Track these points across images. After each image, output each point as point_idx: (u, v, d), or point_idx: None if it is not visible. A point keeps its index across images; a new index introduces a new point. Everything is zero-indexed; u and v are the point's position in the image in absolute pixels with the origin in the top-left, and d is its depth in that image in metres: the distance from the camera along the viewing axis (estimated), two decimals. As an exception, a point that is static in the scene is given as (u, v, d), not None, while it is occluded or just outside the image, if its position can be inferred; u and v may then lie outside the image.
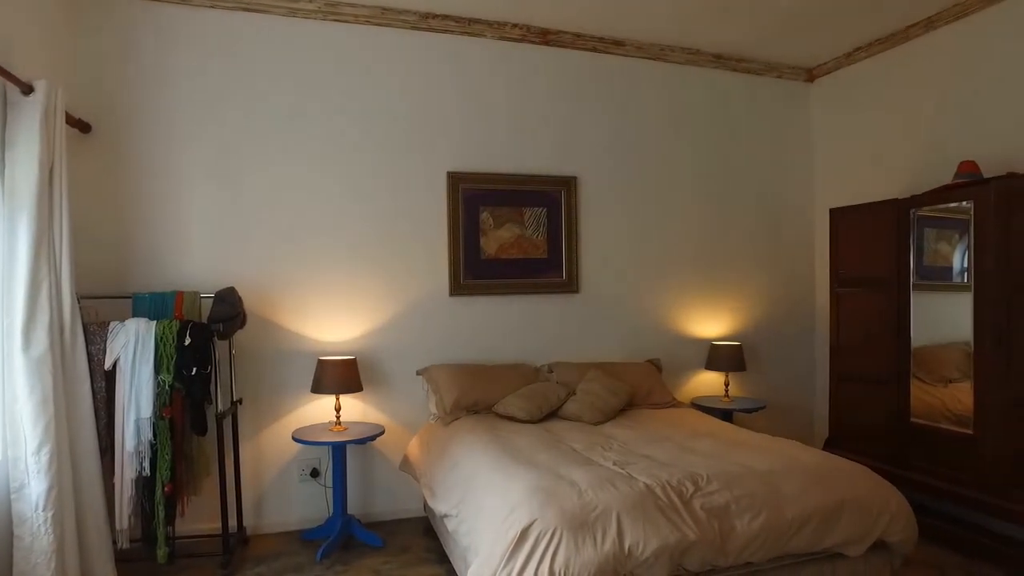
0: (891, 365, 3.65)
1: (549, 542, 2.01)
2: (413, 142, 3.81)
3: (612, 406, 3.42)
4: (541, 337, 4.04)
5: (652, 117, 4.35)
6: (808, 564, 2.37)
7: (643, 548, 2.03)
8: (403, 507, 3.76)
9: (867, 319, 3.80)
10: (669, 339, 4.36)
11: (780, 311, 4.69)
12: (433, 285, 3.85)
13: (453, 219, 3.85)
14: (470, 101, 3.93)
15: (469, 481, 2.60)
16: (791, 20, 3.92)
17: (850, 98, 4.51)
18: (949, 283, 3.39)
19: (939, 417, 3.43)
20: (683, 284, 4.42)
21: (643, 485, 2.24)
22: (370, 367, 3.68)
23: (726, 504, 2.22)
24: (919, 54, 4.01)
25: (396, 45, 3.78)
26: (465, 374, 3.58)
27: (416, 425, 3.70)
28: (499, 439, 2.94)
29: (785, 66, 4.66)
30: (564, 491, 2.21)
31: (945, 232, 3.46)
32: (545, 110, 4.09)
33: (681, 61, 4.39)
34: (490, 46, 3.97)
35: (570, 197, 4.08)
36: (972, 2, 3.63)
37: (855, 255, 3.90)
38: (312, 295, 3.62)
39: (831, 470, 2.51)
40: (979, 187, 3.22)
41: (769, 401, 4.43)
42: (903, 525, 2.45)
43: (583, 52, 4.16)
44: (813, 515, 2.30)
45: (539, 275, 4.04)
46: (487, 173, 3.93)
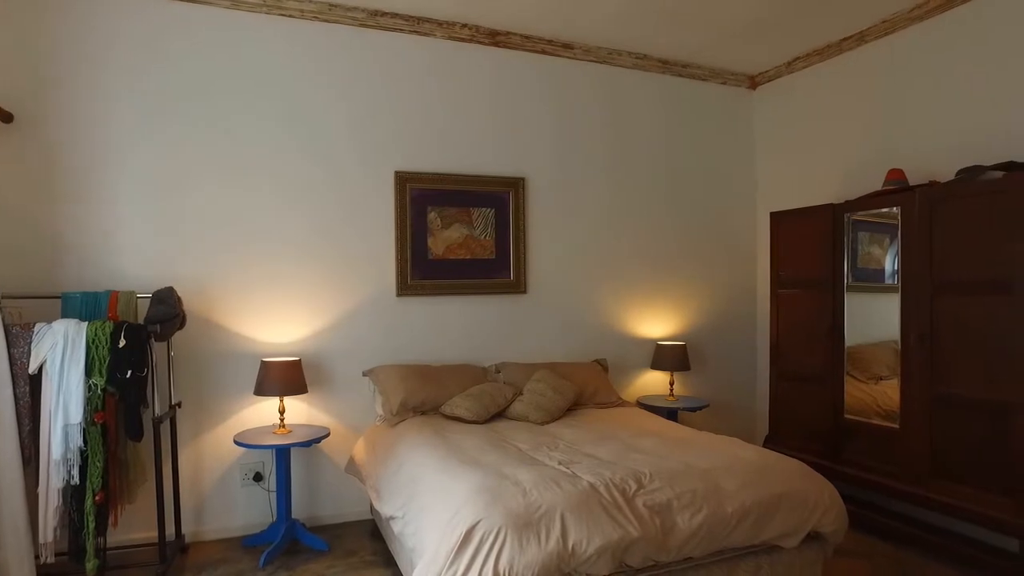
0: (827, 364, 3.79)
1: (494, 542, 2.01)
2: (361, 141, 3.77)
3: (558, 406, 3.45)
4: (489, 337, 4.04)
5: (600, 120, 4.41)
6: (746, 557, 2.44)
7: (586, 546, 2.06)
8: (349, 510, 3.71)
9: (805, 319, 3.94)
10: (616, 339, 4.43)
11: (724, 312, 4.82)
12: (380, 285, 3.81)
13: (400, 219, 3.82)
14: (419, 101, 3.91)
15: (415, 482, 2.58)
16: (734, 29, 4.03)
17: (790, 106, 4.67)
18: (881, 284, 3.53)
19: (871, 413, 3.58)
20: (629, 285, 4.50)
21: (587, 484, 2.27)
22: (315, 368, 3.62)
23: (668, 501, 2.27)
24: (852, 66, 4.18)
25: (344, 43, 3.72)
26: (412, 375, 3.55)
27: (363, 427, 3.66)
28: (445, 440, 2.94)
29: (729, 73, 4.80)
30: (509, 491, 2.22)
31: (878, 236, 3.60)
32: (494, 111, 4.10)
33: (629, 65, 4.46)
34: (439, 46, 3.95)
35: (518, 198, 4.10)
36: (899, 20, 3.82)
37: (794, 258, 4.04)
38: (256, 295, 3.53)
39: (769, 466, 2.59)
40: (905, 194, 3.38)
41: (713, 399, 4.55)
42: (835, 517, 2.54)
43: (532, 54, 4.19)
44: (752, 510, 2.37)
45: (487, 275, 4.05)
46: (435, 173, 3.91)
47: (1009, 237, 2.88)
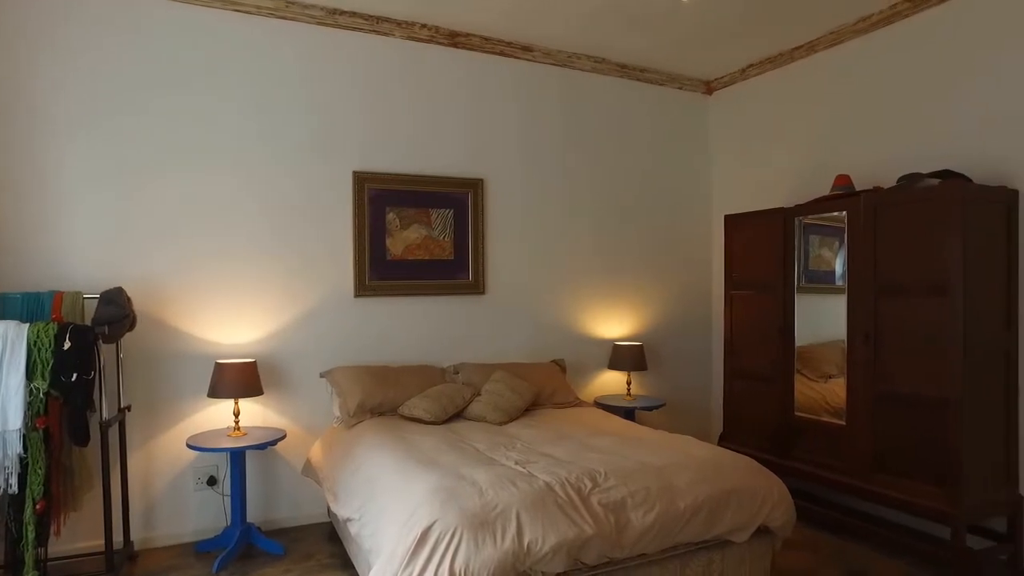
0: (778, 363, 3.90)
1: (450, 542, 2.03)
2: (318, 140, 3.73)
3: (516, 406, 3.47)
4: (447, 338, 4.04)
5: (559, 122, 4.45)
6: (698, 552, 2.50)
7: (542, 544, 2.08)
8: (306, 513, 3.67)
9: (757, 320, 4.05)
10: (573, 340, 4.48)
11: (680, 312, 4.91)
12: (337, 286, 3.78)
13: (359, 219, 3.79)
14: (378, 101, 3.89)
15: (372, 484, 2.58)
16: (691, 35, 4.12)
17: (744, 111, 4.79)
18: (831, 286, 3.64)
19: (819, 410, 3.69)
20: (587, 286, 4.55)
21: (543, 483, 2.30)
22: (271, 370, 3.57)
23: (622, 499, 2.31)
24: (803, 74, 4.31)
25: (302, 40, 3.68)
26: (370, 376, 3.53)
27: (320, 429, 3.62)
28: (403, 441, 2.93)
29: (685, 78, 4.89)
30: (465, 491, 2.23)
31: (827, 239, 3.71)
32: (453, 112, 4.10)
33: (587, 69, 4.52)
34: (399, 46, 3.94)
35: (477, 199, 4.11)
36: (845, 32, 3.95)
37: (747, 259, 4.14)
38: (210, 296, 3.47)
39: (720, 463, 2.66)
40: (851, 199, 3.50)
41: (669, 399, 4.64)
42: (783, 511, 2.63)
43: (492, 56, 4.21)
44: (703, 506, 2.43)
45: (445, 276, 4.05)
46: (394, 174, 3.90)
47: (943, 242, 3.01)
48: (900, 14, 3.68)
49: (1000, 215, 3.15)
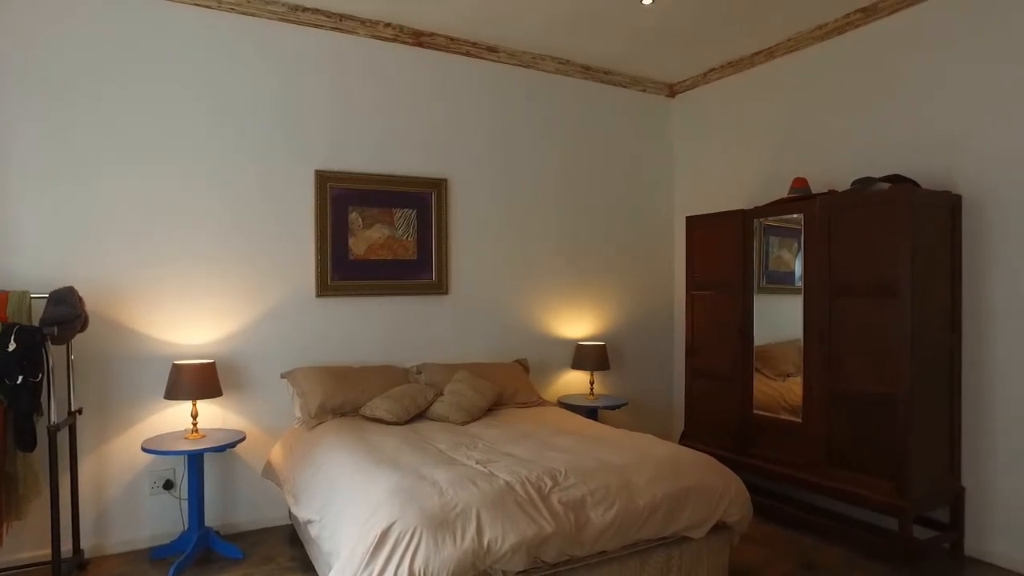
0: (738, 362, 3.98)
1: (409, 542, 2.02)
2: (280, 138, 3.68)
3: (479, 406, 3.48)
4: (410, 339, 4.03)
5: (523, 123, 4.47)
6: (657, 548, 2.54)
7: (502, 543, 2.09)
8: (267, 515, 3.62)
9: (718, 320, 4.12)
10: (537, 340, 4.50)
11: (642, 313, 4.98)
12: (299, 286, 3.73)
13: (321, 219, 3.75)
14: (342, 99, 3.85)
15: (332, 485, 2.56)
16: (654, 38, 4.17)
17: (706, 114, 4.87)
18: (790, 286, 3.71)
19: (778, 408, 3.78)
20: (551, 286, 4.58)
21: (503, 482, 2.31)
22: (231, 371, 3.51)
23: (582, 497, 2.33)
24: (761, 79, 4.41)
25: (264, 36, 3.63)
26: (331, 376, 3.50)
27: (280, 430, 3.57)
28: (364, 441, 2.91)
29: (649, 81, 4.96)
30: (425, 491, 2.23)
31: (787, 241, 3.78)
32: (418, 112, 4.09)
33: (552, 70, 4.55)
34: (363, 44, 3.91)
35: (441, 199, 4.10)
36: (803, 39, 4.06)
37: (707, 260, 4.22)
38: (167, 296, 3.39)
39: (679, 461, 2.70)
40: (807, 202, 3.59)
41: (632, 398, 4.70)
42: (740, 507, 2.68)
43: (457, 56, 4.21)
44: (662, 503, 2.46)
45: (409, 276, 4.03)
46: (357, 173, 3.87)
47: (893, 244, 3.11)
48: (853, 24, 3.79)
49: (945, 219, 3.27)
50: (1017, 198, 3.12)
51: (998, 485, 3.19)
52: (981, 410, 3.25)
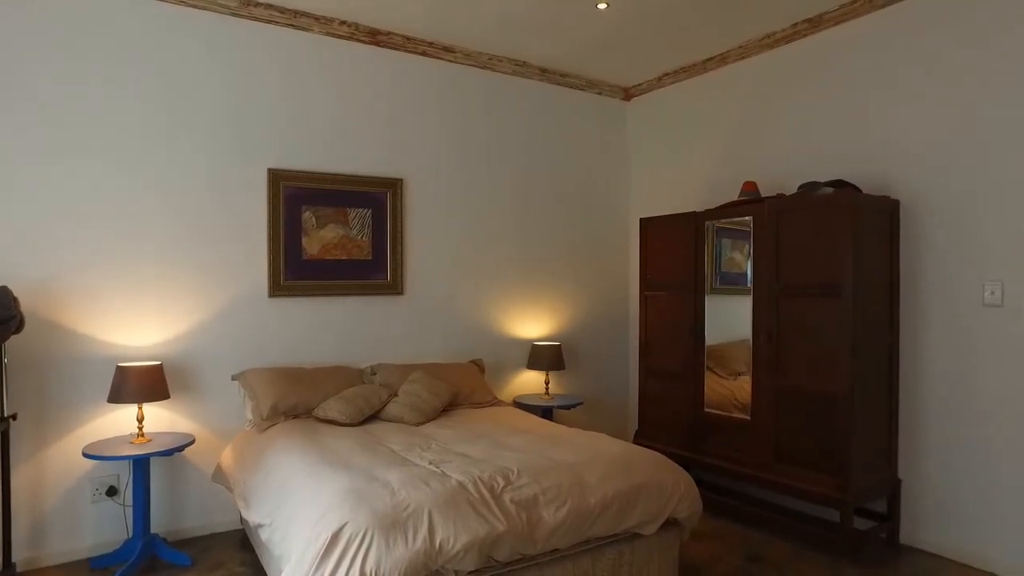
0: (689, 362, 4.06)
1: (360, 543, 2.01)
2: (231, 136, 3.60)
3: (434, 406, 3.47)
4: (365, 339, 3.99)
5: (480, 124, 4.48)
6: (609, 545, 2.57)
7: (454, 543, 2.09)
8: (217, 520, 3.54)
9: (671, 320, 4.20)
10: (493, 340, 4.51)
11: (598, 313, 5.04)
12: (251, 286, 3.66)
13: (273, 218, 3.69)
14: (295, 97, 3.80)
15: (283, 488, 2.52)
16: (609, 42, 4.23)
17: (661, 118, 4.96)
18: (742, 287, 3.80)
19: (729, 406, 3.87)
20: (507, 287, 4.60)
21: (455, 482, 2.32)
22: (180, 373, 3.43)
23: (534, 496, 2.35)
24: (714, 85, 4.51)
25: (214, 31, 3.55)
26: (284, 378, 3.45)
27: (231, 433, 3.50)
28: (316, 443, 2.88)
29: (605, 84, 5.02)
30: (377, 492, 2.22)
31: (739, 243, 3.87)
32: (374, 111, 4.06)
33: (509, 71, 4.56)
34: (318, 42, 3.86)
35: (396, 199, 4.08)
36: (752, 47, 4.17)
37: (661, 261, 4.29)
38: (112, 296, 3.29)
39: (630, 459, 2.74)
40: (757, 205, 3.69)
41: (587, 397, 4.75)
42: (690, 503, 2.74)
43: (413, 55, 4.19)
44: (613, 500, 2.50)
45: (363, 276, 4.00)
46: (311, 172, 3.82)
47: (837, 246, 3.23)
48: (800, 33, 3.91)
49: (884, 223, 3.40)
50: (947, 204, 3.27)
51: (930, 477, 3.34)
52: (916, 405, 3.40)
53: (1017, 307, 3.04)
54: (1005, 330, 3.08)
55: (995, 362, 3.11)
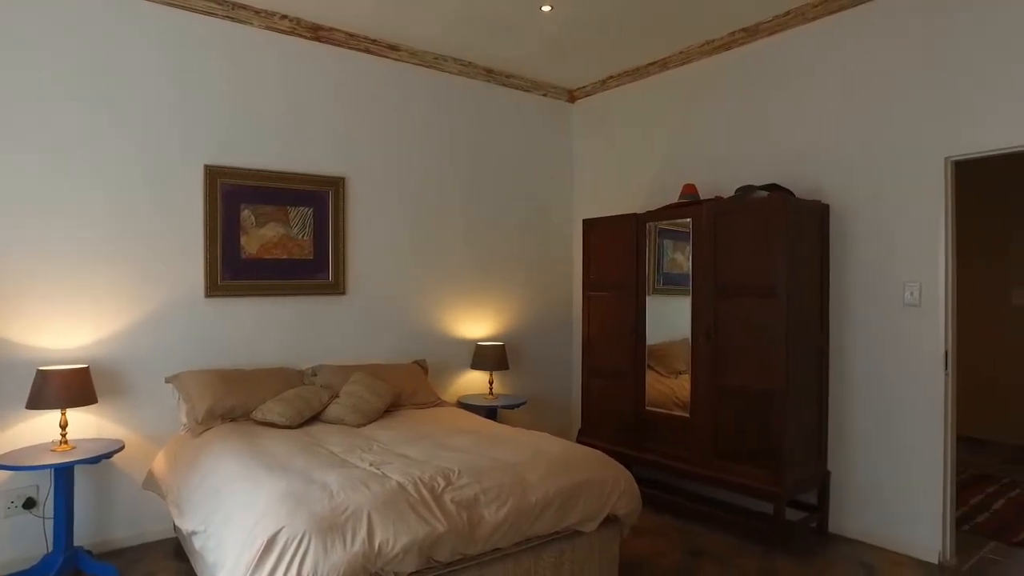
0: (631, 361, 4.13)
1: (297, 548, 1.97)
2: (166, 130, 3.48)
3: (376, 408, 3.43)
4: (306, 340, 3.92)
5: (425, 124, 4.45)
6: (550, 544, 2.59)
7: (393, 544, 2.08)
8: (149, 530, 3.41)
9: (613, 320, 4.26)
10: (437, 340, 4.49)
11: (542, 313, 5.07)
12: (187, 286, 3.55)
13: (211, 216, 3.58)
14: (234, 92, 3.69)
15: (218, 493, 2.45)
16: (553, 44, 4.26)
17: (604, 120, 5.03)
18: (683, 288, 3.87)
19: (670, 404, 3.95)
20: (451, 287, 4.59)
21: (396, 483, 2.30)
22: (109, 376, 3.29)
23: (475, 496, 2.35)
24: (656, 88, 4.61)
25: (147, 21, 3.42)
26: (221, 380, 3.35)
27: (165, 438, 3.37)
28: (254, 446, 2.81)
29: (550, 86, 5.06)
30: (315, 495, 2.18)
31: (680, 244, 3.95)
32: (316, 108, 3.98)
33: (454, 72, 4.55)
34: (258, 36, 3.77)
35: (338, 198, 4.02)
36: (693, 53, 4.28)
37: (604, 262, 4.35)
38: (32, 297, 3.13)
39: (571, 457, 2.77)
40: (696, 207, 3.79)
41: (532, 397, 4.78)
42: (629, 500, 2.78)
43: (357, 53, 4.14)
44: (554, 499, 2.52)
45: (305, 276, 3.92)
46: (250, 169, 3.72)
47: (771, 248, 3.34)
48: (737, 41, 4.04)
49: (816, 226, 3.54)
50: (871, 209, 3.43)
51: (856, 468, 3.50)
52: (843, 400, 3.55)
53: (933, 307, 3.21)
54: (922, 328, 3.25)
55: (913, 358, 3.28)
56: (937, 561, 3.20)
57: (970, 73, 3.09)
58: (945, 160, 3.19)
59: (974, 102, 3.08)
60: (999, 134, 3.01)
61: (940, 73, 3.19)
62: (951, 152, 3.17)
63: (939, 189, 3.20)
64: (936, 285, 3.21)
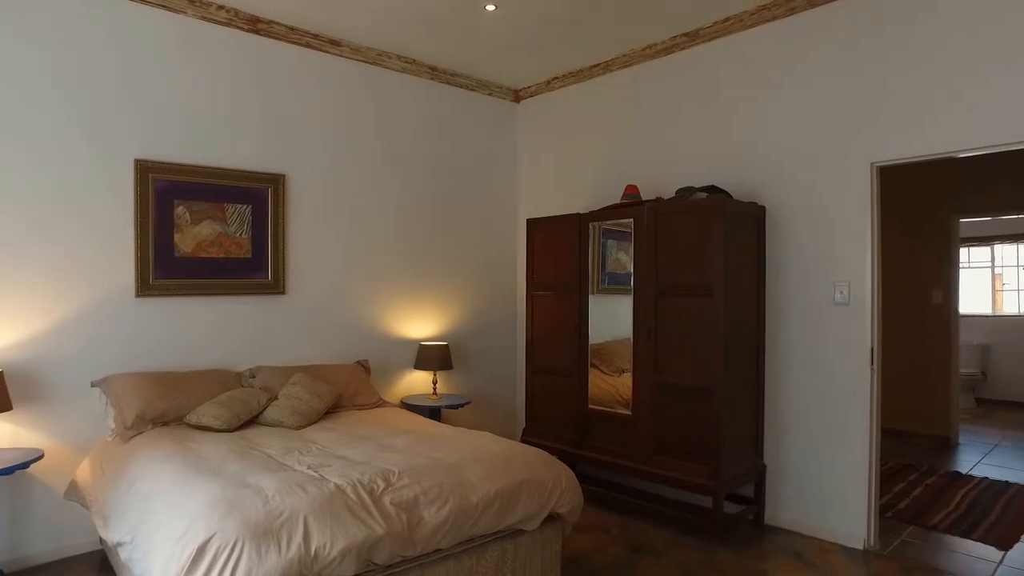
0: (574, 360, 4.17)
1: (229, 555, 1.91)
2: (91, 123, 3.31)
3: (316, 409, 3.36)
4: (244, 341, 3.81)
5: (368, 121, 4.38)
6: (492, 543, 2.59)
7: (330, 548, 2.04)
8: (72, 543, 3.25)
9: (556, 319, 4.29)
10: (379, 340, 4.43)
11: (487, 312, 5.07)
12: (116, 285, 3.39)
13: (142, 212, 3.44)
14: (168, 85, 3.55)
15: (146, 501, 2.35)
16: (498, 44, 4.26)
17: (549, 120, 5.06)
18: (626, 287, 3.91)
19: (613, 402, 4.00)
20: (395, 287, 4.53)
21: (333, 486, 2.25)
22: (27, 381, 3.12)
23: (415, 497, 2.33)
24: (599, 90, 4.67)
25: (72, 6, 3.25)
26: (152, 383, 3.22)
27: (90, 445, 3.21)
28: (186, 451, 2.71)
29: (495, 85, 5.06)
30: (249, 500, 2.12)
31: (623, 244, 3.99)
32: (255, 104, 3.87)
33: (398, 69, 4.50)
34: (193, 26, 3.64)
35: (278, 195, 3.92)
36: (635, 56, 4.35)
37: (547, 262, 4.38)
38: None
39: (513, 456, 2.77)
40: (637, 208, 3.85)
41: (476, 396, 4.77)
42: (571, 497, 2.80)
43: (297, 47, 4.04)
44: (496, 498, 2.52)
45: (243, 275, 3.81)
46: (184, 164, 3.59)
47: (709, 248, 3.42)
48: (679, 45, 4.12)
49: (753, 227, 3.65)
50: (804, 211, 3.56)
51: (789, 461, 3.62)
52: (778, 396, 3.67)
53: (861, 305, 3.36)
54: (850, 326, 3.39)
55: (841, 355, 3.42)
56: (862, 547, 3.34)
57: (894, 83, 3.24)
58: (871, 165, 3.33)
59: (898, 111, 3.23)
60: (920, 141, 3.17)
61: (867, 82, 3.33)
62: (876, 158, 3.31)
63: (865, 193, 3.35)
64: (863, 285, 3.35)
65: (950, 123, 3.07)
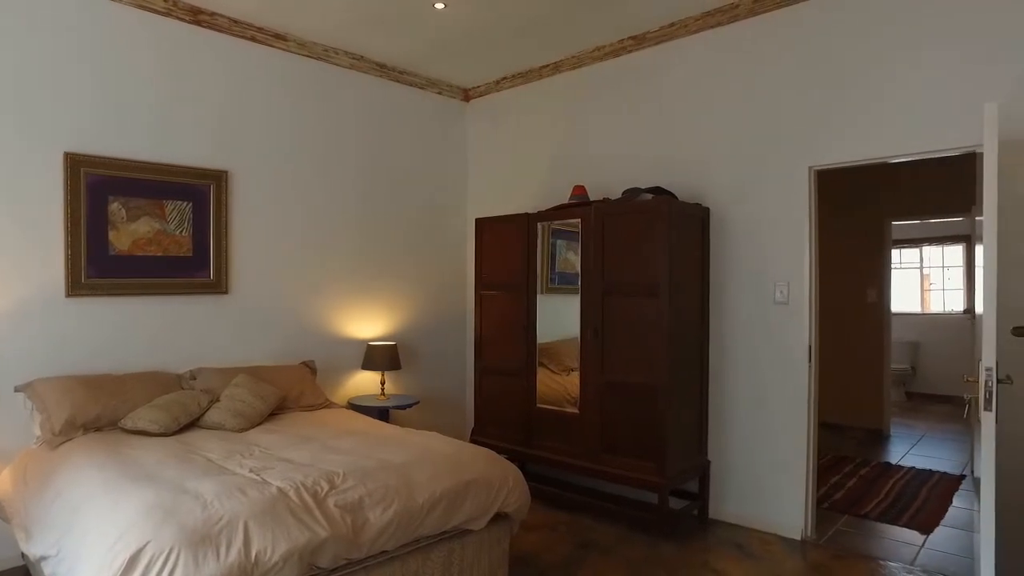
0: (523, 359, 4.18)
1: (164, 564, 1.85)
2: (18, 114, 3.15)
3: (259, 411, 3.28)
4: (184, 342, 3.69)
5: (315, 117, 4.30)
6: (439, 544, 2.58)
7: (271, 553, 1.99)
8: (-10, 559, 3.08)
9: (505, 319, 4.30)
10: (326, 340, 4.36)
11: (436, 312, 5.04)
12: (43, 284, 3.24)
13: (73, 209, 3.29)
14: (102, 75, 3.41)
15: (75, 511, 2.24)
16: (447, 42, 4.24)
17: (498, 120, 5.07)
18: (575, 287, 3.93)
19: (562, 401, 4.03)
20: (342, 286, 4.47)
21: (275, 489, 2.20)
22: (-55, 386, 2.95)
23: (360, 499, 2.30)
24: (548, 90, 4.70)
25: (-8, -9, 3.10)
26: (83, 387, 3.08)
27: (13, 454, 3.05)
28: (120, 457, 2.61)
29: (444, 84, 5.04)
30: (186, 506, 2.05)
31: (572, 244, 4.01)
32: (196, 97, 3.75)
33: (345, 65, 4.43)
34: (128, 14, 3.50)
35: (220, 192, 3.81)
36: (585, 57, 4.40)
37: (496, 261, 4.38)
38: None
39: (460, 456, 2.76)
40: (584, 208, 3.89)
41: (425, 396, 4.73)
42: (518, 496, 2.81)
43: (241, 40, 3.93)
44: (442, 498, 2.50)
45: (183, 274, 3.69)
46: (119, 159, 3.45)
47: (654, 248, 3.49)
48: (626, 48, 4.19)
49: (697, 228, 3.73)
50: (745, 213, 3.67)
51: (732, 456, 3.73)
52: (722, 392, 3.77)
53: (799, 304, 3.48)
54: (789, 324, 3.51)
55: (781, 352, 3.54)
56: (800, 537, 3.47)
57: (832, 90, 3.37)
58: (809, 169, 3.46)
59: (834, 117, 3.36)
60: (855, 147, 3.30)
61: (806, 89, 3.45)
62: (814, 162, 3.44)
63: (804, 196, 3.47)
64: (802, 284, 3.47)
65: (883, 131, 3.21)
